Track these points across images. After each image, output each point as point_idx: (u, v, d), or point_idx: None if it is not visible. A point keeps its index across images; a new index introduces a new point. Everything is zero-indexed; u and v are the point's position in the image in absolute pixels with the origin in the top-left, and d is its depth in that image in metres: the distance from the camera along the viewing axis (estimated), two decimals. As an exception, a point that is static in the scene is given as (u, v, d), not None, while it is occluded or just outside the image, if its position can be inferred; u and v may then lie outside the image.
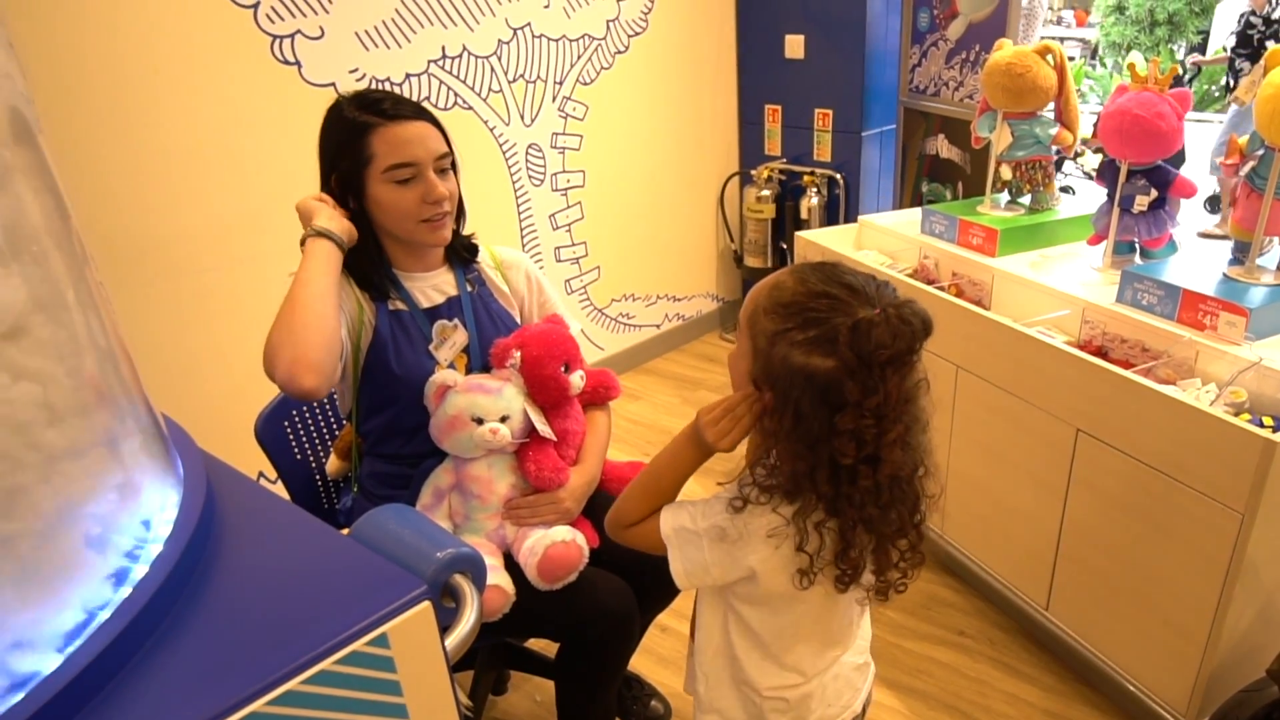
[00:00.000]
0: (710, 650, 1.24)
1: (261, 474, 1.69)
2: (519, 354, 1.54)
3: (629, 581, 1.58)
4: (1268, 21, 6.75)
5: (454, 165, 1.53)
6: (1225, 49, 6.94)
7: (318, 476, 1.78)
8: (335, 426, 1.83)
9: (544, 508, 1.54)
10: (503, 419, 1.49)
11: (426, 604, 0.76)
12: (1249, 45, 6.81)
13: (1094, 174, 2.18)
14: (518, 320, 1.68)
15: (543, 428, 1.54)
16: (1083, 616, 2.02)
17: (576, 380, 1.58)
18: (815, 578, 1.08)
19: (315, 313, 1.34)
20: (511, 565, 1.51)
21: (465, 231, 1.64)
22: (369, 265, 1.51)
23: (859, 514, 1.05)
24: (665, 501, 1.18)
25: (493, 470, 1.53)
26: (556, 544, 1.47)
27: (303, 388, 1.31)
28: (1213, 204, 6.13)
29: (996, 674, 2.13)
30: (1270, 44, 6.63)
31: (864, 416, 0.99)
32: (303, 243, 1.42)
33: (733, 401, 1.08)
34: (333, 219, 1.43)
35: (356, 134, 1.44)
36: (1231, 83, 6.89)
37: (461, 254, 1.63)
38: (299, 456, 1.76)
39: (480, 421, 1.47)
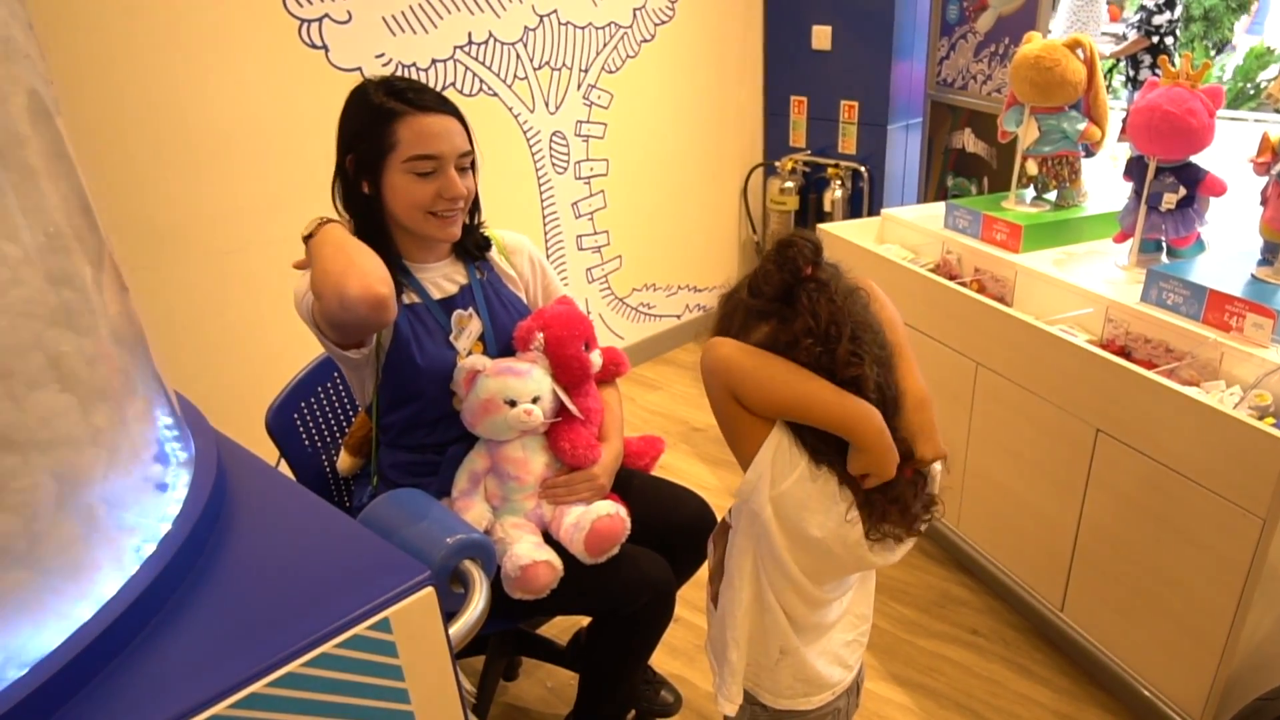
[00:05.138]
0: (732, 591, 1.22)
1: (282, 458, 1.72)
2: (542, 336, 1.56)
3: (659, 553, 1.60)
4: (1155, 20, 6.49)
5: (473, 164, 1.52)
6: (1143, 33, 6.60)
7: (328, 469, 1.78)
8: (345, 420, 1.83)
9: (580, 485, 1.57)
10: (534, 400, 1.51)
11: (430, 590, 0.77)
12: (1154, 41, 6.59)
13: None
14: (526, 303, 1.69)
15: (572, 406, 1.56)
16: (1098, 618, 2.00)
17: (596, 358, 1.62)
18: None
19: (365, 249, 1.34)
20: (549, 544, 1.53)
21: (480, 220, 1.64)
22: (380, 254, 1.49)
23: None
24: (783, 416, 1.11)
25: (527, 451, 1.56)
26: (602, 518, 1.50)
27: (379, 294, 1.27)
28: None
29: (1009, 674, 2.12)
30: (1169, 40, 6.43)
31: (807, 347, 1.04)
32: (307, 239, 1.40)
33: None
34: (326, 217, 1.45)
35: (382, 119, 1.43)
36: (1134, 74, 6.67)
37: (472, 250, 1.62)
38: (309, 450, 1.76)
39: (513, 404, 1.49)
